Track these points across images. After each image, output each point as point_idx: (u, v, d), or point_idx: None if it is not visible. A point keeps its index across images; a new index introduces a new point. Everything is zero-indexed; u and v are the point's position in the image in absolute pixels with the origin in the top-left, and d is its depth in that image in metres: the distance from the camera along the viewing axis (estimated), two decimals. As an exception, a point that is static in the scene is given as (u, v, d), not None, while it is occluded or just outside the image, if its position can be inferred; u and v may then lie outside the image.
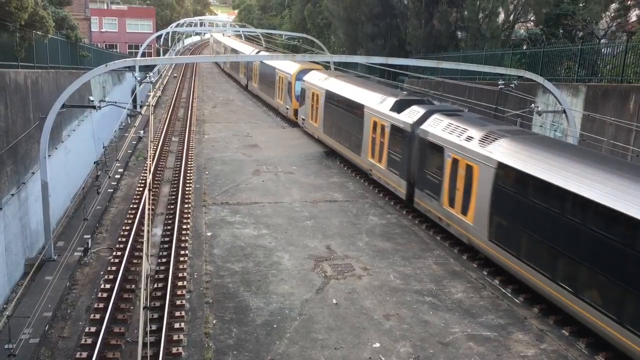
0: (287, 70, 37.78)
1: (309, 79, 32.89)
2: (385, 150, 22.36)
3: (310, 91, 31.92)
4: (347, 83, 28.82)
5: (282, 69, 39.06)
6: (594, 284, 12.24)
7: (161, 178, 24.88)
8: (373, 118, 23.46)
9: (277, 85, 40.36)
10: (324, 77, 31.39)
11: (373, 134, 23.42)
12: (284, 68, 38.58)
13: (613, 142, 17.95)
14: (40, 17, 17.52)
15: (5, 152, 14.20)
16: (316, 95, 30.73)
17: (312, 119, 31.74)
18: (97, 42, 59.10)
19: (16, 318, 12.38)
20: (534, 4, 33.68)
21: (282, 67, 39.02)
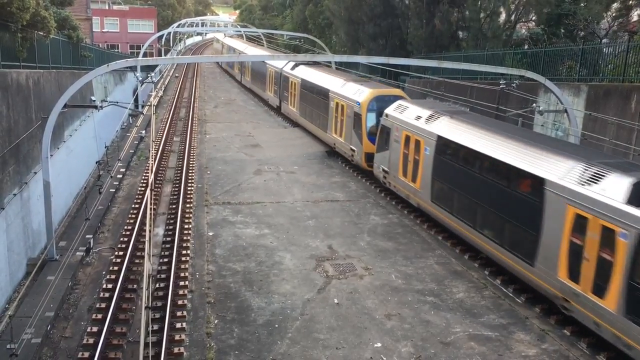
0: (353, 96, 26.50)
1: (398, 114, 21.63)
2: None
3: (401, 132, 21.02)
4: (485, 130, 17.36)
5: (343, 94, 27.62)
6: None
7: (163, 178, 24.91)
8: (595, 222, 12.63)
9: (333, 114, 28.84)
10: (428, 114, 19.92)
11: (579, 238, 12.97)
12: (347, 93, 27.27)
13: (615, 142, 17.94)
14: (42, 18, 17.54)
15: (8, 152, 14.22)
16: (417, 142, 19.95)
17: (408, 175, 20.65)
18: (99, 42, 59.18)
19: (18, 318, 12.41)
20: (535, 3, 33.65)
21: (344, 92, 27.73)
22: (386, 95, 25.71)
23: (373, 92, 25.86)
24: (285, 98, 39.22)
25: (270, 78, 44.28)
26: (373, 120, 24.92)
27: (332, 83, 30.14)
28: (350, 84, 28.04)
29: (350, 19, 47.71)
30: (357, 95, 26.20)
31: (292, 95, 37.23)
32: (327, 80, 31.23)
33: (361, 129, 25.27)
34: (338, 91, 28.53)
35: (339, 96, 28.20)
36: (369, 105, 25.30)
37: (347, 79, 29.50)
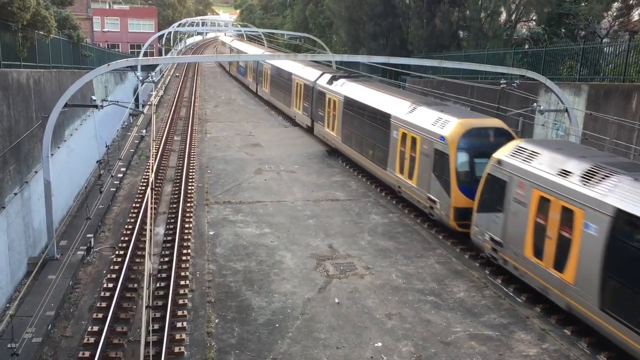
0: (432, 127, 19.31)
1: (522, 163, 15.00)
2: None
3: (529, 191, 14.49)
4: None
5: (415, 122, 20.49)
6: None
7: (163, 177, 24.92)
8: None
9: (397, 148, 21.51)
10: (587, 169, 13.24)
11: None
12: (421, 122, 20.09)
13: (615, 141, 17.93)
14: (43, 17, 17.54)
15: (8, 152, 14.23)
16: (565, 212, 13.30)
17: (546, 258, 13.86)
18: (99, 41, 59.17)
19: (19, 317, 12.42)
20: (535, 3, 33.63)
21: (415, 119, 20.65)
22: (483, 127, 18.71)
23: (463, 123, 18.46)
24: (320, 118, 30.82)
25: (297, 92, 35.85)
26: (466, 162, 17.97)
27: (393, 106, 22.57)
28: (424, 109, 20.70)
29: (350, 19, 47.70)
30: (439, 127, 18.85)
31: (331, 116, 28.92)
32: (385, 101, 23.56)
33: (448, 174, 17.95)
34: (405, 118, 21.07)
35: (407, 125, 20.83)
36: (461, 142, 18.02)
37: (415, 102, 21.92)
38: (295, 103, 37.05)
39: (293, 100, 37.45)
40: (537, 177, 14.19)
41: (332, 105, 29.08)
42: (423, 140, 19.71)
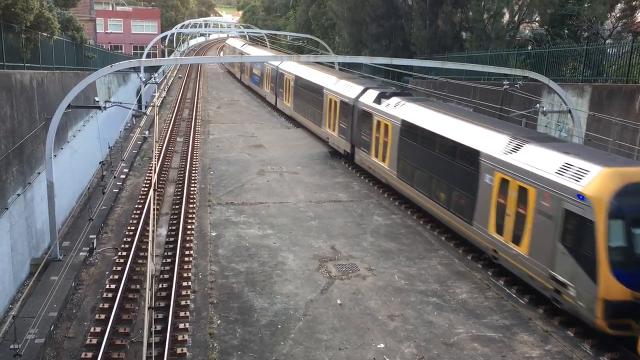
0: (556, 176, 14.01)
1: None
2: None
3: None
4: None
5: (524, 167, 15.12)
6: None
7: (166, 178, 24.94)
8: None
9: (493, 199, 16.22)
10: None
11: None
12: (536, 167, 14.76)
13: (619, 142, 17.88)
14: (46, 19, 17.59)
15: (12, 153, 14.26)
16: None
17: None
18: (102, 43, 59.29)
19: (22, 318, 12.44)
20: (538, 4, 33.57)
21: (524, 162, 15.22)
22: None
23: (615, 173, 13.02)
24: (365, 144, 25.68)
25: (332, 110, 30.74)
26: (624, 234, 12.61)
27: (482, 139, 17.25)
28: (536, 148, 15.31)
29: (353, 20, 47.70)
30: (571, 177, 13.44)
31: (381, 144, 23.94)
32: (467, 131, 18.22)
33: (593, 249, 12.54)
34: (506, 159, 15.75)
35: (509, 169, 15.48)
36: (615, 205, 12.58)
37: (517, 135, 16.48)
38: (328, 123, 31.27)
39: (325, 119, 31.71)
40: None
41: (383, 131, 23.74)
42: (541, 193, 14.19)
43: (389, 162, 23.01)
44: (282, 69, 41.46)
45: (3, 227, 13.47)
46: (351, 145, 27.42)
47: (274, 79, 44.08)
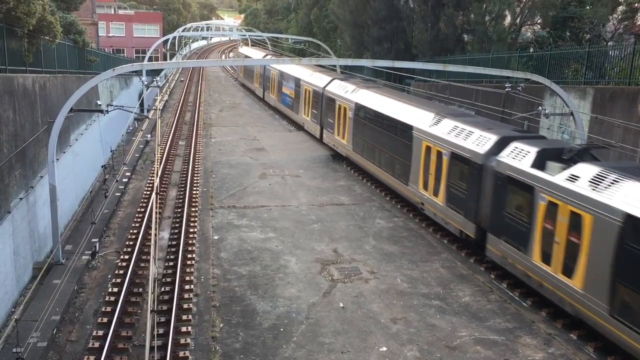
0: None
1: None
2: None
3: None
4: None
5: None
6: None
7: (168, 181, 24.95)
8: None
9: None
10: None
11: None
12: None
13: (621, 145, 17.86)
14: (48, 22, 17.61)
15: (14, 156, 14.28)
16: None
17: None
18: (105, 46, 59.44)
19: (24, 322, 12.44)
20: (540, 6, 33.59)
21: None
22: None
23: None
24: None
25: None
26: None
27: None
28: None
29: (355, 23, 47.74)
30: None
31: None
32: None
33: None
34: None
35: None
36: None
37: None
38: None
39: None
40: None
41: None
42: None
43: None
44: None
45: (6, 230, 13.49)
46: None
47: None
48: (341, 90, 29.50)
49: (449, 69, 24.28)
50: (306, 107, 35.79)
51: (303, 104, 36.59)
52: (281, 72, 42.47)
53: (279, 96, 43.79)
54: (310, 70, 37.20)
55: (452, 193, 18.16)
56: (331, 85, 31.35)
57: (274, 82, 46.12)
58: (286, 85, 41.59)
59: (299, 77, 37.29)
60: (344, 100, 28.48)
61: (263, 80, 50.36)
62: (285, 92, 41.85)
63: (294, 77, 38.60)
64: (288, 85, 40.90)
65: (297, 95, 37.94)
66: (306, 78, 36.20)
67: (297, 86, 37.89)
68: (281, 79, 42.85)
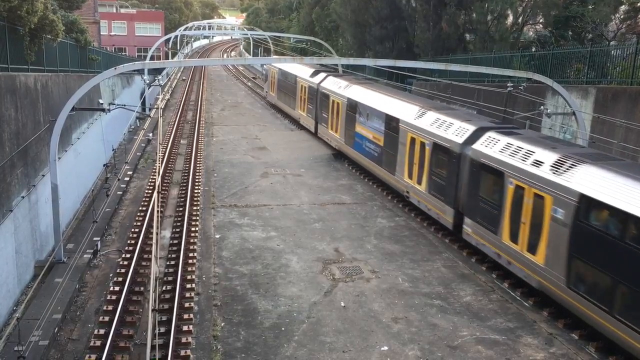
0: None
1: None
2: None
3: None
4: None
5: None
6: None
7: (170, 180, 24.97)
8: None
9: None
10: None
11: None
12: None
13: (623, 144, 17.83)
14: (50, 21, 17.62)
15: (16, 155, 14.29)
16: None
17: None
18: (106, 45, 59.47)
19: (26, 320, 12.46)
20: (542, 6, 33.55)
21: None
22: None
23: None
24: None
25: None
26: None
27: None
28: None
29: (356, 22, 47.71)
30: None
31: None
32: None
33: None
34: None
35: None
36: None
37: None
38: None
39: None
40: None
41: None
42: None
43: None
44: None
45: (7, 229, 13.50)
46: (315, 122, 33.03)
47: None
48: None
49: (451, 68, 24.28)
50: (302, 104, 36.17)
51: (299, 101, 36.63)
52: (363, 103, 25.96)
53: (351, 137, 27.05)
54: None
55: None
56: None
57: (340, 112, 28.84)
58: (367, 121, 25.35)
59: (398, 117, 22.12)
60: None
61: (317, 106, 32.91)
62: (368, 135, 25.26)
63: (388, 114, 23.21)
64: (372, 122, 24.87)
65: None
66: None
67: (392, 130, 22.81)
68: (360, 110, 25.82)
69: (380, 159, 23.86)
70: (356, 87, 28.22)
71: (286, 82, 41.22)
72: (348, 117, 27.52)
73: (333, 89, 30.11)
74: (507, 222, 15.37)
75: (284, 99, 42.04)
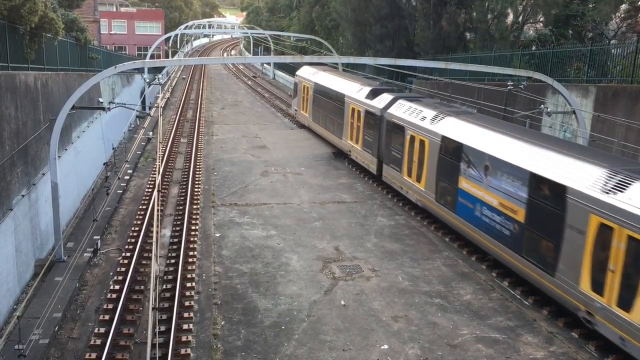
0: None
1: None
2: None
3: None
4: None
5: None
6: None
7: (170, 179, 24.96)
8: None
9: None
10: None
11: None
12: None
13: (623, 143, 17.83)
14: (50, 19, 17.61)
15: (16, 154, 14.29)
16: None
17: None
18: (106, 44, 59.44)
19: (26, 319, 12.46)
20: (543, 4, 33.55)
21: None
22: None
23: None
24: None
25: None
26: None
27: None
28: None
29: (357, 21, 47.72)
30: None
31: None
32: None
33: None
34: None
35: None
36: None
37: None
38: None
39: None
40: None
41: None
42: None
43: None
44: None
45: (8, 228, 13.51)
46: (378, 160, 24.74)
47: None
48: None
49: (451, 67, 24.24)
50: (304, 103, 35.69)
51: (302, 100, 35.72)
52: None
53: (449, 195, 18.77)
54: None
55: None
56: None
57: None
58: None
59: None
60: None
61: (381, 139, 24.18)
62: None
63: None
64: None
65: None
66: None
67: None
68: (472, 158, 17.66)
69: (518, 244, 15.03)
70: (456, 120, 19.01)
71: (327, 100, 31.47)
72: (443, 163, 18.80)
73: (411, 120, 21.26)
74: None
75: (323, 121, 32.30)
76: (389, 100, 24.09)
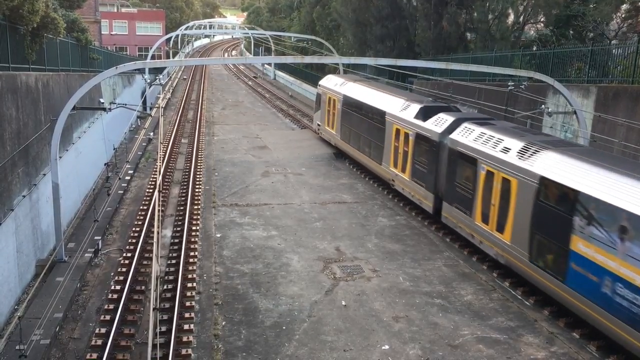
0: None
1: None
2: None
3: None
4: None
5: None
6: None
7: (171, 179, 24.98)
8: None
9: None
10: None
11: None
12: None
13: (624, 143, 17.82)
14: (52, 19, 17.63)
15: (17, 154, 14.30)
16: None
17: None
18: (107, 44, 59.46)
19: (27, 319, 12.47)
20: (544, 5, 33.52)
21: None
22: None
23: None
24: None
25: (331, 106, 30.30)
26: None
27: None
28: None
29: (357, 21, 47.71)
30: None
31: (333, 115, 30.50)
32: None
33: None
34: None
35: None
36: None
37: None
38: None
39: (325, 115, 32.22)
40: None
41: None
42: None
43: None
44: None
45: (9, 228, 13.51)
46: (435, 197, 19.92)
47: None
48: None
49: (452, 67, 24.27)
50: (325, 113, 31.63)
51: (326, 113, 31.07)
52: None
53: (561, 258, 13.87)
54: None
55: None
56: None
57: None
58: None
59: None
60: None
61: (440, 171, 19.73)
62: None
63: None
64: None
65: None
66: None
67: None
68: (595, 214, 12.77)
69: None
70: (558, 157, 14.35)
71: (360, 117, 26.58)
72: (542, 213, 14.14)
73: (486, 151, 16.70)
74: (479, 205, 17.14)
75: (356, 141, 27.16)
76: (449, 122, 19.27)
